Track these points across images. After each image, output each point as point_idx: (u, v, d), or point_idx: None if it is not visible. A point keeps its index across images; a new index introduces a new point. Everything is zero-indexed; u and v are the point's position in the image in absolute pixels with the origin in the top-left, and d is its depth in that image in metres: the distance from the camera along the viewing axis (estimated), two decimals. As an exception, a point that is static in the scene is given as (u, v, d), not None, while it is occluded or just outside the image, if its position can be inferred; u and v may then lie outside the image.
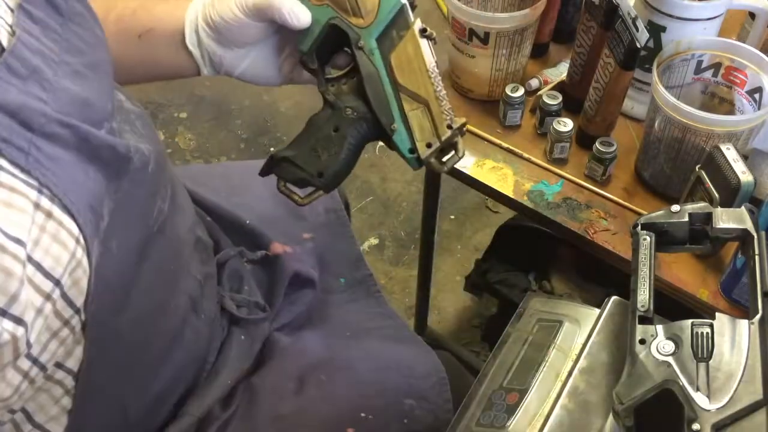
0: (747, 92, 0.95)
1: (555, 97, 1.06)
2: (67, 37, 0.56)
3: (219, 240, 0.88)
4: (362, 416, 0.83)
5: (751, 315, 0.60)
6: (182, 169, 1.00)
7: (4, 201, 0.47)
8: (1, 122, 0.47)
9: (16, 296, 0.47)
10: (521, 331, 0.87)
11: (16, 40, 0.50)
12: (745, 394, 0.54)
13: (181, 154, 2.10)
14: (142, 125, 0.67)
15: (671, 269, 0.93)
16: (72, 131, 0.52)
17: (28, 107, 0.49)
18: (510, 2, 1.15)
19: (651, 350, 0.58)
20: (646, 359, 0.58)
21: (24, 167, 0.48)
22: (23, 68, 0.50)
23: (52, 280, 0.50)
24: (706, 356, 0.57)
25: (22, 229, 0.47)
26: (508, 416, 0.76)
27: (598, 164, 1.01)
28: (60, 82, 0.53)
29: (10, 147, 0.47)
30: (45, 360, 0.52)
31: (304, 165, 0.69)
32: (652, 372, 0.57)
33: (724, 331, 0.58)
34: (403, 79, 0.68)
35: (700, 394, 0.55)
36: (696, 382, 0.55)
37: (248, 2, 0.68)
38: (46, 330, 0.51)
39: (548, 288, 1.48)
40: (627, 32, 0.92)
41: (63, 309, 0.52)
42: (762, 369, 0.55)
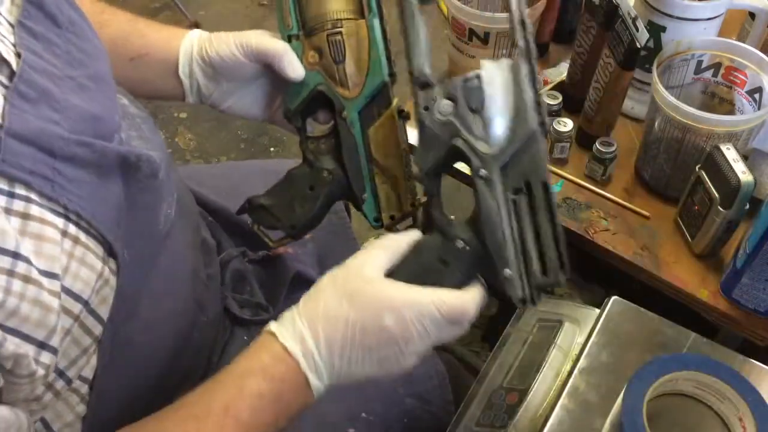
0: (747, 92, 0.95)
1: (555, 97, 1.06)
2: (68, 50, 0.56)
3: (221, 240, 0.88)
4: (363, 416, 0.83)
5: (514, 53, 0.62)
6: (182, 169, 1.00)
7: (36, 234, 0.47)
8: (25, 153, 0.48)
9: (54, 329, 0.48)
10: (521, 331, 0.87)
11: (23, 63, 0.50)
12: (520, 130, 0.59)
13: (181, 154, 2.10)
14: (148, 129, 0.67)
15: (671, 269, 0.93)
16: (90, 149, 0.53)
17: (46, 133, 0.49)
18: (510, 2, 1.15)
19: (434, 114, 0.61)
20: (432, 124, 0.61)
21: (51, 196, 0.49)
22: (33, 91, 0.50)
23: (81, 302, 0.51)
24: (480, 106, 0.60)
25: (54, 262, 0.48)
26: (508, 416, 0.76)
27: (598, 164, 1.01)
28: (68, 99, 0.53)
29: (36, 177, 0.48)
30: (72, 375, 0.53)
31: (279, 215, 0.75)
32: (439, 133, 0.61)
33: (492, 77, 0.60)
34: (377, 154, 0.72)
35: (481, 142, 0.60)
36: (476, 132, 0.60)
37: (250, 44, 0.71)
38: (75, 346, 0.52)
39: (548, 288, 1.48)
40: (627, 32, 0.92)
41: (93, 326, 0.53)
42: (533, 101, 0.59)
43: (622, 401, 0.63)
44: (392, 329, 0.56)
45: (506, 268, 0.60)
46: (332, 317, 0.57)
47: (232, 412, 0.54)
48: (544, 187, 0.60)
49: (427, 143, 0.61)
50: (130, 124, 0.64)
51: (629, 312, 0.81)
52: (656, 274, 0.93)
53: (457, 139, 0.60)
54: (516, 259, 0.60)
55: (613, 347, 0.78)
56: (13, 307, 0.45)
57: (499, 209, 0.60)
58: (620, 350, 0.77)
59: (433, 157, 0.61)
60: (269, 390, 0.56)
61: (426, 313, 0.57)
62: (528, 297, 0.60)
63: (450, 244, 0.61)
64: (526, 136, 0.59)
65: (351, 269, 0.59)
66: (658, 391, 0.67)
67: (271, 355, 0.57)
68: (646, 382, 0.64)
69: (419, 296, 0.57)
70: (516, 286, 0.60)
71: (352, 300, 0.57)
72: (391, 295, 0.57)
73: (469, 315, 0.59)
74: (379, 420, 0.84)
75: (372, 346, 0.57)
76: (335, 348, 0.57)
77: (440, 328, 0.58)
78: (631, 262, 0.95)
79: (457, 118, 0.60)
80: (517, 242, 0.60)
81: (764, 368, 0.75)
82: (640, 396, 0.64)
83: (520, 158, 0.60)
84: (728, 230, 0.88)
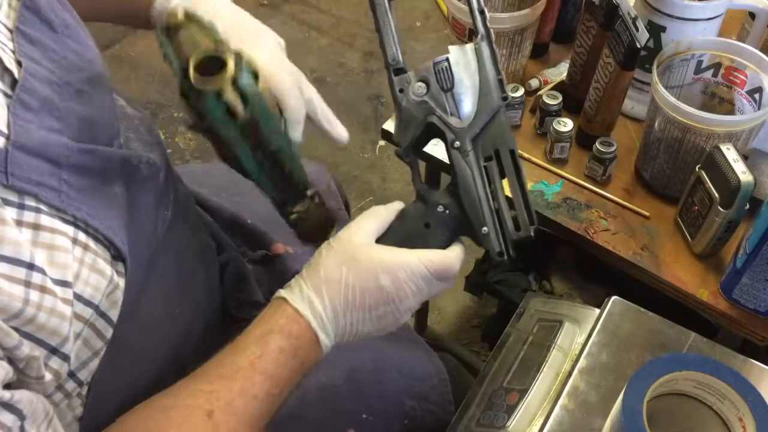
0: (747, 92, 0.95)
1: (555, 97, 1.06)
2: (65, 55, 0.56)
3: (221, 240, 0.88)
4: (363, 417, 0.83)
5: (474, 36, 0.69)
6: (182, 169, 1.00)
7: (48, 244, 0.48)
8: (32, 165, 0.48)
9: (67, 337, 0.49)
10: (521, 331, 0.88)
11: (24, 73, 0.51)
12: (485, 105, 0.68)
13: (181, 154, 2.10)
14: (146, 131, 0.67)
15: (671, 269, 0.94)
16: (94, 156, 0.53)
17: (51, 143, 0.50)
18: (510, 2, 1.15)
19: (409, 95, 0.68)
20: (408, 104, 0.68)
21: (59, 207, 0.49)
22: (35, 101, 0.51)
23: (92, 307, 0.52)
24: (450, 86, 0.68)
25: (66, 270, 0.49)
26: (508, 416, 0.76)
27: (598, 164, 1.01)
28: (68, 106, 0.53)
29: (44, 189, 0.49)
30: (83, 377, 0.54)
31: None
32: (415, 112, 0.68)
33: (458, 60, 0.68)
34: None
35: (453, 117, 0.68)
36: (448, 109, 0.68)
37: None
38: (87, 348, 0.53)
39: (548, 288, 1.48)
40: (627, 32, 0.92)
41: (104, 328, 0.54)
42: (495, 79, 0.68)
43: (622, 401, 0.63)
44: (388, 288, 0.63)
45: (483, 226, 0.68)
46: (334, 281, 0.63)
47: (259, 367, 0.59)
48: (511, 153, 0.68)
49: (405, 122, 0.69)
50: (128, 125, 0.65)
51: (629, 312, 0.81)
52: (656, 274, 0.93)
53: (432, 116, 0.68)
54: (491, 218, 0.69)
55: (613, 347, 0.78)
56: (31, 315, 0.46)
57: (473, 175, 0.68)
58: (620, 350, 0.77)
59: (411, 135, 0.69)
60: (288, 346, 0.61)
61: (417, 271, 0.64)
62: (504, 250, 0.69)
63: (431, 209, 0.69)
64: (491, 110, 0.68)
65: (344, 238, 0.66)
66: (658, 391, 0.67)
67: (286, 316, 0.62)
68: (646, 382, 0.64)
69: (409, 257, 0.64)
70: (493, 242, 0.69)
71: (349, 265, 0.63)
72: (384, 258, 0.64)
73: (454, 270, 0.66)
74: (380, 421, 0.84)
75: (371, 305, 0.63)
76: (339, 308, 0.63)
77: (430, 284, 0.65)
78: (631, 262, 0.95)
79: (430, 98, 0.68)
80: (491, 203, 0.69)
81: (764, 368, 0.76)
82: (640, 396, 0.64)
83: (488, 130, 0.68)
84: (728, 230, 0.88)
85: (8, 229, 0.46)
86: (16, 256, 0.46)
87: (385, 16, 0.68)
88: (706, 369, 0.66)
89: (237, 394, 0.58)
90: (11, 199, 0.47)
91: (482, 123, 0.68)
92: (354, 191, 1.98)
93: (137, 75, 2.30)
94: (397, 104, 0.69)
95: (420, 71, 0.68)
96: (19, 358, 0.47)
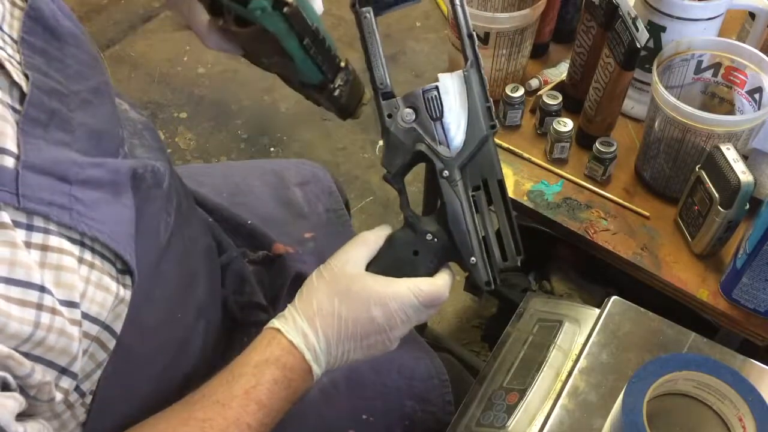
0: (747, 92, 0.95)
1: (555, 97, 1.06)
2: (69, 63, 0.56)
3: (221, 241, 0.88)
4: (363, 418, 0.83)
5: (464, 64, 0.69)
6: (182, 168, 1.00)
7: (56, 265, 0.48)
8: (43, 185, 0.48)
9: (76, 356, 0.50)
10: (521, 331, 0.87)
11: (32, 87, 0.51)
12: (474, 134, 0.68)
13: (181, 154, 2.10)
14: (150, 136, 0.67)
15: (671, 269, 0.94)
16: (103, 169, 0.54)
17: (60, 160, 0.50)
18: (510, 2, 1.15)
19: (398, 122, 0.68)
20: (396, 130, 0.68)
21: (69, 225, 0.49)
22: (44, 115, 0.51)
23: (99, 324, 0.52)
24: (439, 115, 0.68)
25: (73, 290, 0.49)
26: (508, 416, 0.76)
27: (598, 164, 1.01)
28: (75, 117, 0.54)
29: (54, 208, 0.49)
30: (86, 388, 0.54)
31: None
32: (404, 139, 0.68)
33: (447, 88, 0.68)
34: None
35: (442, 146, 0.68)
36: (437, 137, 0.68)
37: None
38: (91, 361, 0.54)
39: (548, 288, 1.48)
40: (627, 32, 0.92)
41: (108, 340, 0.54)
42: (484, 107, 0.68)
43: (622, 401, 0.63)
44: (379, 320, 0.65)
45: (472, 256, 0.69)
46: (327, 314, 0.64)
47: (254, 396, 0.61)
48: (499, 183, 0.69)
49: (393, 148, 0.68)
50: (132, 131, 0.65)
51: (629, 312, 0.81)
52: (656, 274, 0.93)
53: (421, 144, 0.68)
54: (479, 248, 0.69)
55: (613, 347, 0.78)
56: (41, 338, 0.47)
57: (462, 205, 0.68)
58: (620, 350, 0.77)
59: (400, 161, 0.68)
60: (282, 377, 0.62)
61: (407, 302, 0.65)
62: (491, 279, 0.70)
63: (420, 237, 0.69)
64: (480, 139, 0.68)
65: (335, 268, 0.66)
66: (658, 391, 0.67)
67: (281, 348, 0.63)
68: (646, 382, 0.64)
69: (400, 288, 0.65)
70: (481, 272, 0.69)
71: (341, 297, 0.65)
72: (375, 290, 0.65)
73: (443, 298, 0.68)
74: (380, 421, 0.84)
75: (363, 335, 0.65)
76: (332, 340, 0.64)
77: (419, 312, 0.67)
78: (631, 262, 0.95)
79: (419, 126, 0.68)
80: (479, 233, 0.69)
81: (764, 368, 0.75)
82: (640, 396, 0.64)
83: (476, 159, 0.68)
84: (728, 230, 0.88)
85: (20, 252, 0.46)
86: (28, 279, 0.46)
87: (372, 35, 0.67)
88: (706, 369, 0.66)
89: (231, 422, 0.59)
90: (20, 220, 0.47)
91: (470, 152, 0.68)
92: (354, 191, 1.98)
93: (137, 75, 2.30)
94: (384, 129, 0.68)
95: (409, 98, 0.68)
96: (30, 385, 0.47)
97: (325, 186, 1.07)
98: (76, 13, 0.60)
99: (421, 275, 0.68)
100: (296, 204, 1.01)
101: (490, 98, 0.68)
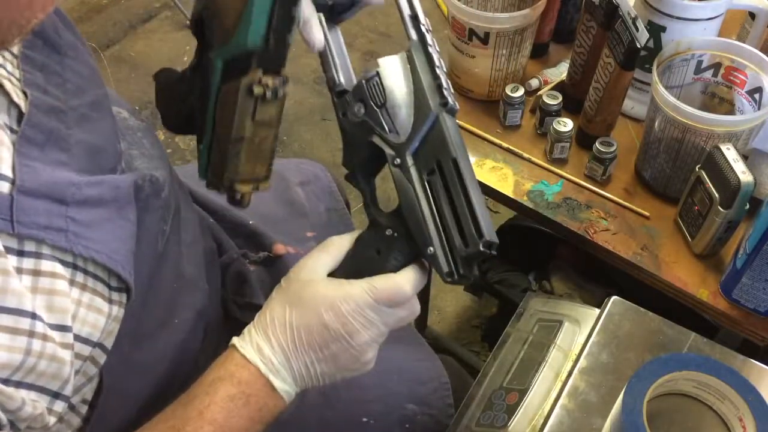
0: (747, 92, 0.95)
1: (555, 97, 1.06)
2: (68, 77, 0.56)
3: (221, 242, 0.88)
4: (363, 420, 0.83)
5: (407, 45, 0.65)
6: (182, 168, 0.99)
7: (48, 289, 0.48)
8: (38, 209, 0.48)
9: (68, 380, 0.49)
10: (521, 331, 0.87)
11: (30, 107, 0.50)
12: (422, 115, 0.63)
13: (181, 154, 2.10)
14: (149, 143, 0.67)
15: (671, 269, 0.94)
16: (103, 187, 0.53)
17: (57, 182, 0.50)
18: (510, 2, 1.15)
19: (350, 118, 0.65)
20: (350, 127, 0.65)
21: (65, 247, 0.49)
22: (40, 134, 0.50)
23: (90, 344, 0.52)
24: (383, 101, 0.64)
25: (65, 314, 0.49)
26: (508, 416, 0.76)
27: (598, 164, 1.01)
28: (73, 134, 0.53)
29: (50, 232, 0.48)
30: (76, 401, 0.54)
31: None
32: (357, 134, 0.65)
33: (389, 71, 0.64)
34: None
35: (392, 134, 0.64)
36: (386, 125, 0.64)
37: None
38: (81, 377, 0.53)
39: (548, 288, 1.48)
40: (627, 32, 0.92)
41: (99, 356, 0.54)
42: (431, 85, 0.63)
43: (622, 401, 0.63)
44: (333, 325, 0.59)
45: (429, 246, 0.62)
46: (279, 323, 0.60)
47: (207, 416, 0.57)
48: (453, 163, 0.61)
49: (349, 145, 0.66)
50: (132, 140, 0.64)
51: (629, 312, 0.81)
52: (656, 274, 0.93)
53: (373, 136, 0.64)
54: (438, 236, 0.62)
55: (613, 347, 0.78)
56: (32, 365, 0.46)
57: (416, 192, 0.63)
58: (620, 350, 0.77)
59: (357, 158, 0.65)
60: (238, 393, 0.59)
61: (362, 302, 0.59)
62: (453, 270, 0.62)
63: (381, 233, 0.65)
64: (428, 119, 0.63)
65: (291, 275, 0.63)
66: (658, 391, 0.67)
67: (234, 363, 0.60)
68: (646, 382, 0.64)
69: (352, 288, 0.60)
70: (441, 262, 0.62)
71: (292, 305, 0.61)
72: (325, 293, 0.60)
73: (404, 294, 0.61)
74: (380, 424, 0.84)
75: (320, 343, 0.60)
76: (289, 351, 0.60)
77: (382, 313, 0.61)
78: (631, 262, 0.95)
79: (369, 117, 0.64)
80: (436, 220, 0.62)
81: (764, 368, 0.76)
82: (640, 396, 0.64)
83: (428, 141, 0.63)
84: (728, 230, 0.88)
85: (11, 279, 0.45)
86: (20, 307, 0.45)
87: (326, 38, 0.66)
88: (706, 369, 0.66)
89: None
90: (12, 246, 0.47)
91: (422, 134, 0.63)
92: (354, 191, 1.96)
93: (137, 75, 2.30)
94: (341, 128, 0.66)
95: (356, 91, 0.64)
96: (22, 418, 0.47)
97: (326, 186, 1.07)
98: (76, 13, 0.60)
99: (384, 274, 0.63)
100: (298, 203, 1.01)
101: (440, 75, 0.63)
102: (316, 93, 2.19)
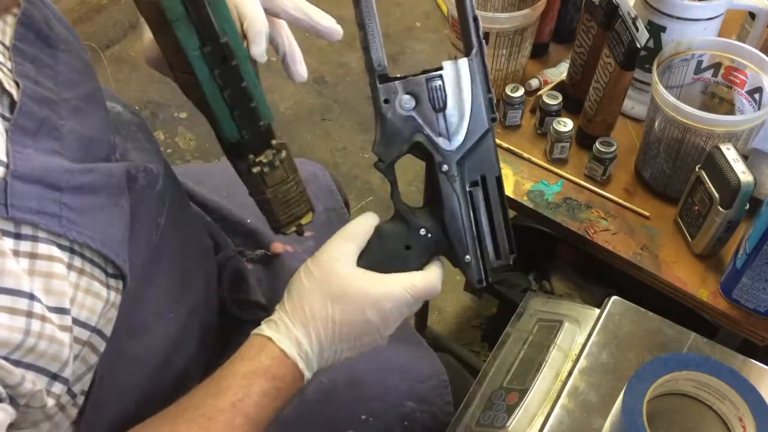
0: (747, 92, 0.95)
1: (555, 97, 1.06)
2: (60, 70, 0.56)
3: (219, 240, 0.88)
4: (363, 418, 0.83)
5: (468, 51, 0.65)
6: (182, 168, 0.99)
7: (45, 272, 0.48)
8: (31, 193, 0.48)
9: (67, 362, 0.50)
10: (521, 331, 0.87)
11: (22, 95, 0.51)
12: (475, 127, 0.65)
13: (181, 154, 2.10)
14: (144, 137, 0.67)
15: (671, 269, 0.93)
16: (96, 174, 0.53)
17: (50, 168, 0.50)
18: (510, 2, 1.15)
19: (396, 108, 0.63)
20: (393, 117, 0.63)
21: (59, 232, 0.49)
22: (33, 123, 0.51)
23: (89, 328, 0.53)
24: (442, 106, 0.64)
25: (63, 297, 0.49)
26: (508, 416, 0.76)
27: (598, 164, 1.01)
28: (66, 124, 0.53)
29: (44, 217, 0.49)
30: (77, 390, 0.55)
31: None
32: (401, 128, 0.63)
33: (452, 77, 0.64)
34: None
35: (442, 138, 0.64)
36: (438, 129, 0.64)
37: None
38: (82, 364, 0.54)
39: (548, 288, 1.48)
40: (627, 32, 0.92)
41: (98, 344, 0.54)
42: (487, 99, 0.64)
43: (622, 401, 0.63)
44: (375, 321, 0.63)
45: (466, 254, 0.67)
46: (321, 319, 0.62)
47: (240, 409, 0.58)
48: (497, 181, 0.67)
49: (389, 136, 0.64)
50: (126, 134, 0.64)
51: (629, 312, 0.81)
52: (656, 274, 0.93)
53: (419, 135, 0.64)
54: (474, 246, 0.68)
55: (613, 347, 0.78)
56: (32, 345, 0.47)
57: (459, 201, 0.66)
58: (620, 350, 0.77)
59: (396, 150, 0.64)
60: (272, 388, 0.60)
61: (402, 300, 0.63)
62: (483, 278, 0.69)
63: (413, 231, 0.66)
64: (481, 132, 0.65)
65: (325, 263, 0.64)
66: (658, 391, 0.67)
67: (272, 357, 0.61)
68: (646, 382, 0.64)
69: (394, 287, 0.63)
70: (474, 270, 0.68)
71: (335, 301, 0.62)
72: (370, 291, 0.62)
73: (437, 291, 0.66)
74: (379, 422, 0.84)
75: (357, 336, 0.63)
76: (325, 345, 0.63)
77: (411, 308, 0.66)
78: (631, 262, 0.95)
79: (419, 115, 0.63)
80: (473, 230, 0.67)
81: (764, 368, 0.75)
82: (640, 396, 0.64)
83: (475, 153, 0.65)
84: (728, 230, 0.88)
85: (7, 261, 0.46)
86: (17, 287, 0.46)
87: (370, 14, 0.61)
88: (706, 369, 0.66)
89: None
90: (8, 229, 0.47)
91: (470, 146, 0.65)
92: (354, 191, 1.98)
93: (137, 75, 2.30)
94: (380, 115, 0.63)
95: (409, 83, 0.63)
96: (21, 394, 0.47)
97: (325, 185, 1.07)
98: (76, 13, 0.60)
99: (411, 269, 0.66)
100: None
101: (492, 88, 0.65)
102: (315, 93, 2.19)
